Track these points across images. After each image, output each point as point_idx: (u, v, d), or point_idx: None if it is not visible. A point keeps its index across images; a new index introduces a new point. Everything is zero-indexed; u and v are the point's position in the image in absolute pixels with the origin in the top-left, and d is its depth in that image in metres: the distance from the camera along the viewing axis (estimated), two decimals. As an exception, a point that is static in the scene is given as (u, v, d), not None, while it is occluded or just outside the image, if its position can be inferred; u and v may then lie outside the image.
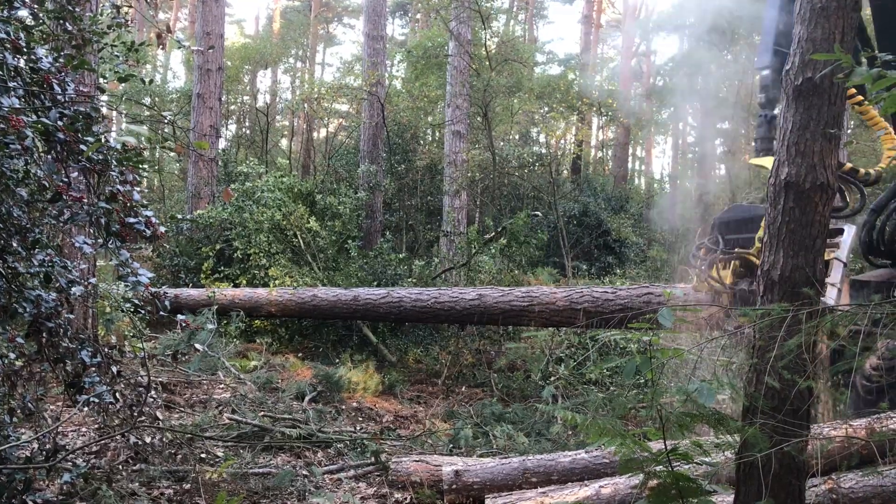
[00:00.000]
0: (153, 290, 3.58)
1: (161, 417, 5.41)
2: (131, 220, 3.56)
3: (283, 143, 29.84)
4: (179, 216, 4.15)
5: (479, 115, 15.58)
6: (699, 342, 6.44)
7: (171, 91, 22.55)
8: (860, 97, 7.80)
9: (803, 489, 3.79)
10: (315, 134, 27.58)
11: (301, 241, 12.50)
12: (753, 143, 7.88)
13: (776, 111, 7.69)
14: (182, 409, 7.37)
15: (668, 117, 28.17)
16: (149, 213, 3.68)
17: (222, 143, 20.43)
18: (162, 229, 3.70)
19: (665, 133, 37.15)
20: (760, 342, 3.76)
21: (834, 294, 6.54)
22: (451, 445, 7.19)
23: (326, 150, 22.13)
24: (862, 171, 7.14)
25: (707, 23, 22.03)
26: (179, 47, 4.38)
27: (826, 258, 6.68)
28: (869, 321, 3.52)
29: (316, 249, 12.47)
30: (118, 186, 3.56)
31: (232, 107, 26.38)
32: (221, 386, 8.29)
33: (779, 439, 3.63)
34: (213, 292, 10.69)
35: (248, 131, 26.70)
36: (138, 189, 3.83)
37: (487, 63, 15.46)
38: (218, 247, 12.80)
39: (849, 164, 7.23)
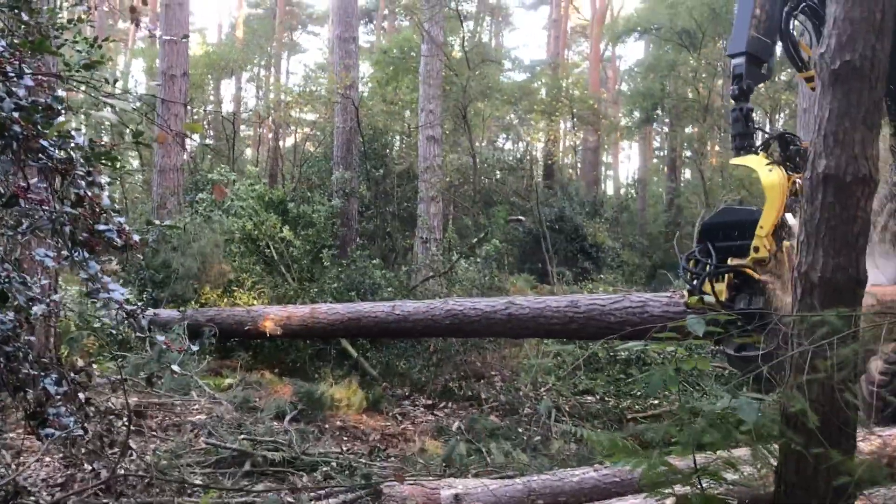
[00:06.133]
0: (129, 308, 3.13)
1: (134, 447, 4.93)
2: (101, 227, 3.10)
3: (248, 152, 29.30)
4: (157, 222, 3.69)
5: (454, 118, 15.25)
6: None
7: (130, 99, 21.87)
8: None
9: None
10: (281, 143, 27.09)
11: (273, 252, 12.03)
12: (731, 142, 7.35)
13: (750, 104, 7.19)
14: (154, 433, 6.87)
15: (637, 122, 28.09)
16: (121, 220, 3.23)
17: (187, 153, 19.83)
18: (136, 238, 3.25)
19: (631, 138, 37.18)
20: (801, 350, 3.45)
21: None
22: (445, 464, 6.79)
23: (295, 158, 21.63)
24: None
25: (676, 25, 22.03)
26: (150, 36, 3.93)
27: None
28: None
29: (290, 260, 11.99)
30: (85, 189, 3.10)
31: (196, 116, 25.75)
32: (196, 407, 7.80)
33: (824, 455, 3.31)
34: (185, 309, 10.14)
35: (212, 140, 26.07)
36: (108, 193, 3.37)
37: (465, 63, 15.13)
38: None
39: None
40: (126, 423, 4.30)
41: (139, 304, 3.27)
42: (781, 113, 23.89)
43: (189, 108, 20.16)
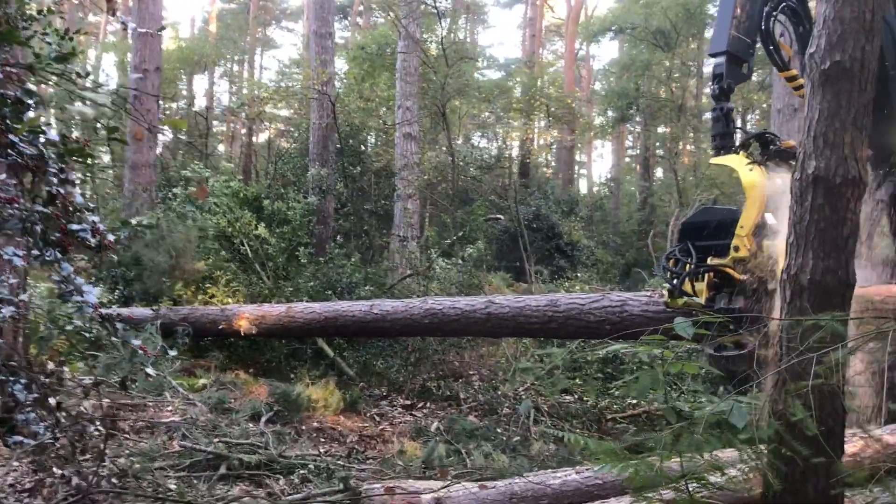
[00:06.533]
0: (103, 311, 3.00)
1: (108, 452, 4.77)
2: (74, 226, 2.96)
3: (221, 147, 28.96)
4: (133, 221, 3.56)
5: (432, 116, 15.13)
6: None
7: (105, 93, 21.48)
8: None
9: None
10: (254, 138, 26.79)
11: (248, 249, 11.83)
12: (711, 141, 7.32)
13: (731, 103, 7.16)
14: (127, 435, 6.69)
15: (611, 121, 28.15)
16: (95, 219, 3.09)
17: (159, 148, 19.51)
18: (110, 237, 3.12)
19: (605, 137, 37.29)
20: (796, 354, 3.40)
21: None
22: (424, 466, 6.70)
23: (269, 155, 21.38)
24: None
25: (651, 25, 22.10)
26: (124, 28, 3.79)
27: None
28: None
29: (265, 257, 11.80)
30: (57, 187, 2.97)
31: (167, 111, 25.40)
32: (169, 408, 7.62)
33: (814, 462, 3.28)
34: (158, 307, 9.92)
35: (184, 136, 25.72)
36: (80, 191, 3.23)
37: (444, 60, 15.01)
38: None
39: None
40: (99, 429, 4.15)
41: (112, 304, 3.15)
42: (753, 113, 24.09)
43: (161, 102, 19.86)
